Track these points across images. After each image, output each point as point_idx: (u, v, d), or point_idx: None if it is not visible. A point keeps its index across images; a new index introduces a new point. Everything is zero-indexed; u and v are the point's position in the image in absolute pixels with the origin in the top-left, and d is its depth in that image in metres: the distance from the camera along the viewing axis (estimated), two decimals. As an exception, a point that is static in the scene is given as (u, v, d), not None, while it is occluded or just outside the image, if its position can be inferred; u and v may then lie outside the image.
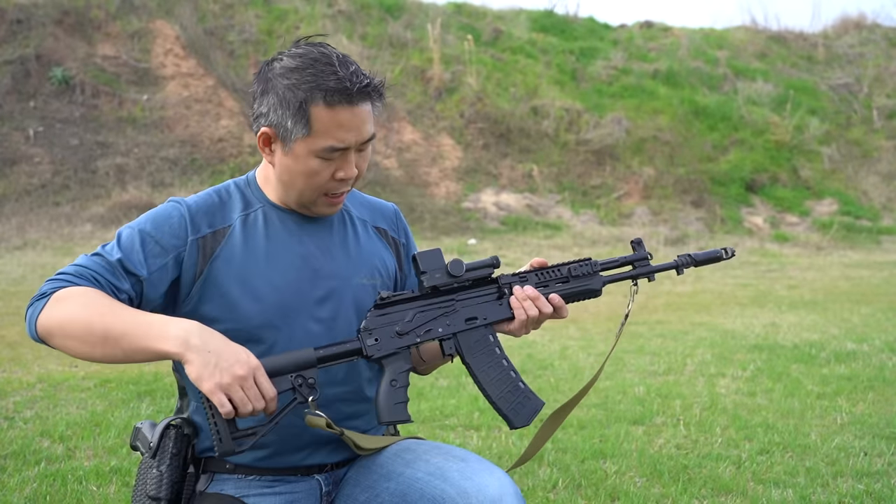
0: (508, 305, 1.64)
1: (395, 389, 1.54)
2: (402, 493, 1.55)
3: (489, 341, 1.63)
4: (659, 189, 14.45)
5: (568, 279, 1.68)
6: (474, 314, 1.62)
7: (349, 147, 1.55)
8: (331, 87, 1.49)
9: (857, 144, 16.49)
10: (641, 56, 17.60)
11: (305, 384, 1.49)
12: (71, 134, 12.24)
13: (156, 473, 1.54)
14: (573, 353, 5.46)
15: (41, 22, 13.21)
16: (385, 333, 1.55)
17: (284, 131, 1.53)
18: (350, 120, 1.52)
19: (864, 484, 2.96)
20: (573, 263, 1.70)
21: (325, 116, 1.50)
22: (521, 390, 1.63)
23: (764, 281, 10.12)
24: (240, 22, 14.95)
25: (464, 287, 1.62)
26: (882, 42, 19.36)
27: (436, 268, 1.58)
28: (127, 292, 1.51)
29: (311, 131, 1.51)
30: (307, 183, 1.57)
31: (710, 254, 1.79)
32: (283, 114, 1.52)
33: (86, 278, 1.49)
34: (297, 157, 1.54)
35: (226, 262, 1.59)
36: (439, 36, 15.48)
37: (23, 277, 8.26)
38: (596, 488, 2.93)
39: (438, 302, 1.60)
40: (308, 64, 1.51)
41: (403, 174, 13.48)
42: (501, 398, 1.61)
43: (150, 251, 1.55)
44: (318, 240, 1.66)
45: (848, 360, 5.19)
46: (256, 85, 1.59)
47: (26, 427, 3.52)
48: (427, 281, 1.58)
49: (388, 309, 1.57)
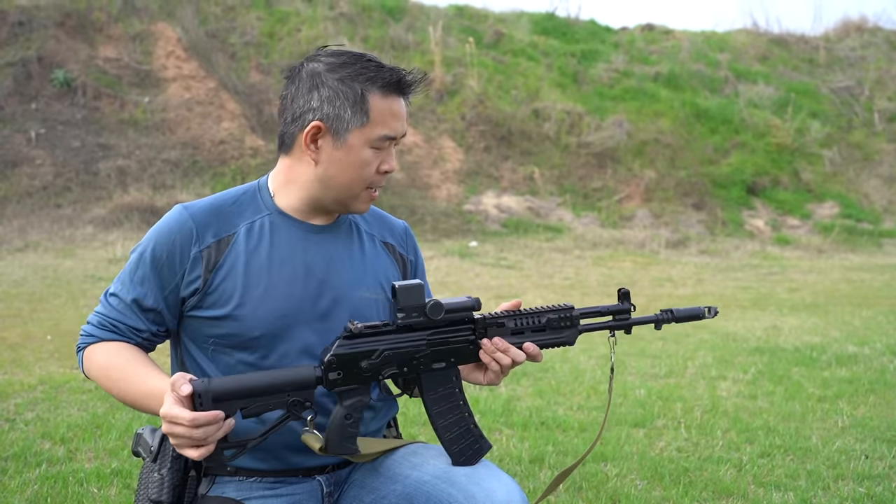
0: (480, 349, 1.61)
1: (348, 423, 1.52)
2: (409, 497, 1.55)
3: (451, 381, 1.60)
4: (660, 192, 14.44)
5: (545, 329, 1.64)
6: (443, 357, 1.58)
7: (397, 137, 1.61)
8: (386, 78, 1.56)
9: (859, 147, 16.48)
10: (643, 59, 17.60)
11: (300, 403, 1.47)
12: (72, 136, 12.25)
13: (157, 477, 1.54)
14: (574, 355, 5.46)
15: (43, 24, 13.22)
16: (349, 368, 1.51)
17: (339, 123, 1.56)
18: (400, 110, 1.60)
19: (865, 487, 2.96)
20: (552, 312, 1.65)
21: (382, 105, 1.57)
22: (472, 433, 1.60)
23: (765, 284, 10.12)
24: (241, 24, 14.96)
25: (437, 325, 1.58)
26: (883, 45, 19.35)
27: (415, 306, 1.54)
28: (147, 329, 1.61)
29: (369, 120, 1.56)
30: (357, 174, 1.59)
31: (692, 311, 1.75)
32: (340, 105, 1.55)
33: (107, 329, 1.60)
34: (350, 147, 1.57)
35: (228, 271, 1.59)
36: (440, 38, 15.49)
37: (24, 279, 8.26)
38: (597, 491, 2.93)
39: (410, 339, 1.56)
40: (356, 59, 1.58)
41: (405, 176, 13.48)
42: (451, 439, 1.59)
43: (163, 276, 1.59)
44: (323, 250, 1.66)
45: (849, 363, 5.18)
46: (294, 85, 1.61)
47: (27, 429, 3.52)
48: (403, 320, 1.54)
49: (357, 341, 1.52)
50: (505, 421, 3.80)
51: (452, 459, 1.59)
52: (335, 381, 1.50)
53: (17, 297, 7.25)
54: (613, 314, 1.72)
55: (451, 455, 1.59)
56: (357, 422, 1.53)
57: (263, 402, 1.45)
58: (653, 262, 11.56)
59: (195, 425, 1.36)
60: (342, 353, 1.51)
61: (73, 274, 8.67)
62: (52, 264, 9.20)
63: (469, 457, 1.59)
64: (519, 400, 4.24)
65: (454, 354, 1.59)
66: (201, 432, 1.37)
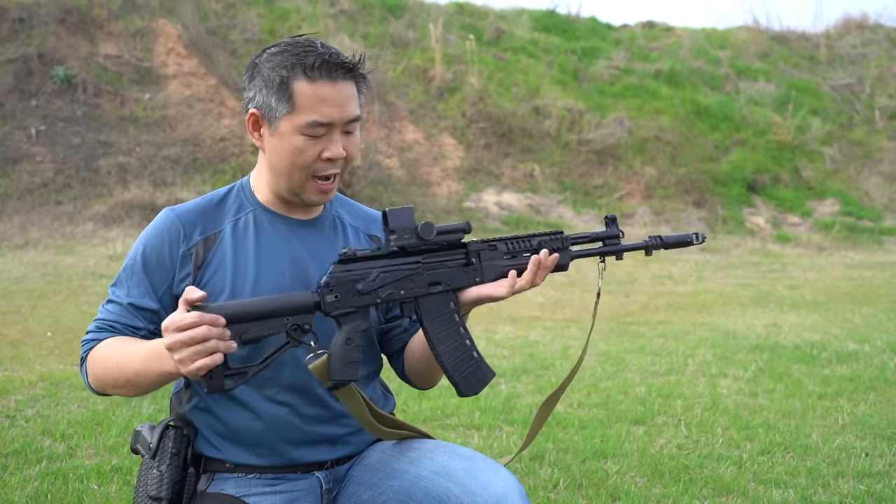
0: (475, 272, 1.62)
1: (349, 348, 1.51)
2: (407, 492, 1.55)
3: (449, 308, 1.61)
4: (661, 189, 14.44)
5: (537, 251, 1.65)
6: (439, 279, 1.59)
7: (332, 123, 1.56)
8: (310, 63, 1.53)
9: (859, 145, 16.47)
10: (643, 56, 17.58)
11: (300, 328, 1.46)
12: (73, 133, 12.25)
13: (156, 474, 1.54)
14: (574, 352, 5.46)
15: (43, 21, 13.22)
16: (346, 290, 1.52)
17: (269, 110, 1.56)
18: (332, 95, 1.55)
19: (866, 484, 2.96)
20: (544, 236, 1.67)
21: (307, 91, 1.53)
22: (475, 360, 1.61)
23: (765, 281, 10.11)
24: (242, 21, 14.95)
25: (431, 249, 1.59)
26: (884, 42, 19.33)
27: (406, 228, 1.55)
28: (144, 328, 1.60)
29: (294, 107, 1.54)
30: (294, 162, 1.58)
31: (680, 237, 1.75)
32: (267, 93, 1.55)
33: (106, 331, 1.60)
34: (282, 135, 1.56)
35: (216, 267, 1.61)
36: (441, 35, 15.48)
37: (24, 276, 8.26)
38: (597, 488, 2.93)
39: (404, 262, 1.57)
40: (290, 47, 1.57)
41: (405, 174, 13.48)
42: (454, 366, 1.60)
43: (155, 277, 1.60)
44: (307, 244, 1.67)
45: (849, 361, 5.18)
46: (245, 75, 1.63)
47: (28, 425, 3.53)
48: (395, 241, 1.54)
49: (351, 265, 1.53)
50: (505, 418, 3.80)
51: (457, 389, 1.60)
52: (332, 303, 1.50)
53: (18, 294, 7.25)
54: (603, 240, 1.72)
55: (456, 384, 1.60)
56: (358, 347, 1.52)
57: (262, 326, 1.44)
58: (653, 259, 11.55)
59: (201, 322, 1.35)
60: (339, 274, 1.52)
61: (74, 271, 8.67)
62: (52, 261, 9.20)
63: (473, 385, 1.61)
64: (519, 397, 4.24)
65: (450, 276, 1.60)
66: (205, 330, 1.35)
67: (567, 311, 7.28)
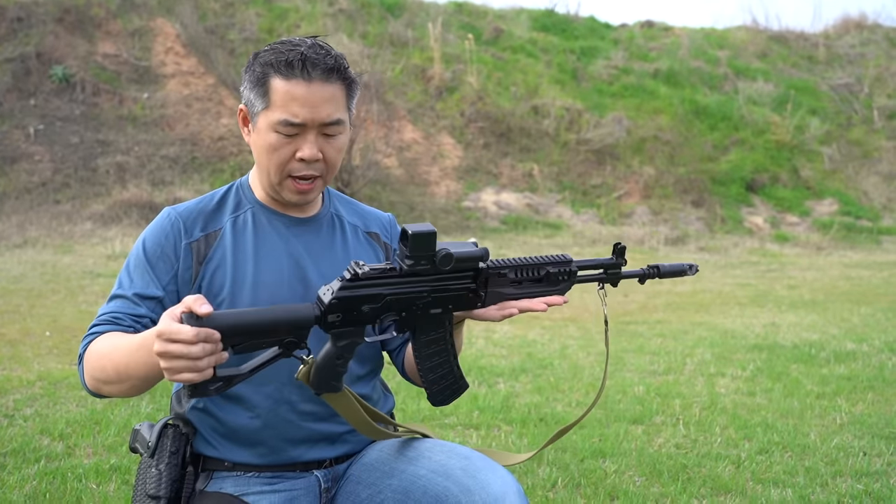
0: (478, 297, 1.59)
1: (339, 363, 1.49)
2: (405, 490, 1.55)
3: (443, 327, 1.60)
4: (659, 189, 14.45)
5: (542, 280, 1.64)
6: (442, 304, 1.57)
7: (305, 124, 1.55)
8: (286, 60, 1.53)
9: (858, 145, 16.49)
10: (642, 56, 17.59)
11: (294, 342, 1.43)
12: (71, 132, 12.24)
13: (155, 472, 1.54)
14: (573, 352, 5.46)
15: (42, 20, 13.21)
16: (350, 311, 1.47)
17: (251, 106, 1.58)
18: (305, 95, 1.53)
19: (864, 484, 2.96)
20: (552, 265, 1.65)
21: (281, 88, 1.54)
22: (453, 374, 1.63)
23: (764, 281, 10.12)
24: (240, 20, 14.94)
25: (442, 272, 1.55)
26: (883, 42, 19.35)
27: (424, 255, 1.49)
28: (147, 315, 1.57)
29: (269, 103, 1.55)
30: (269, 159, 1.59)
31: (676, 267, 1.78)
32: (251, 89, 1.57)
33: (108, 323, 1.56)
34: (259, 131, 1.58)
35: (218, 263, 1.62)
36: (440, 35, 15.48)
37: (23, 275, 8.26)
38: (595, 487, 2.93)
39: (412, 285, 1.53)
40: (281, 45, 1.56)
41: (404, 173, 13.48)
42: (433, 380, 1.61)
43: (158, 268, 1.60)
44: (304, 241, 1.68)
45: (847, 360, 5.19)
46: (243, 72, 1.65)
47: (26, 425, 3.52)
48: (411, 266, 1.50)
49: (360, 284, 1.47)
50: (504, 417, 3.80)
51: (430, 399, 1.62)
52: (333, 323, 1.47)
53: (16, 294, 7.25)
54: (606, 268, 1.73)
55: (430, 395, 1.62)
56: (346, 362, 1.50)
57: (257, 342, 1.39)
58: (652, 258, 11.55)
59: (197, 340, 1.28)
60: (345, 296, 1.46)
61: (72, 270, 8.67)
62: (50, 260, 9.20)
63: (446, 397, 1.63)
64: (518, 396, 4.24)
65: (453, 301, 1.59)
66: (200, 349, 1.29)
67: (565, 311, 7.28)
